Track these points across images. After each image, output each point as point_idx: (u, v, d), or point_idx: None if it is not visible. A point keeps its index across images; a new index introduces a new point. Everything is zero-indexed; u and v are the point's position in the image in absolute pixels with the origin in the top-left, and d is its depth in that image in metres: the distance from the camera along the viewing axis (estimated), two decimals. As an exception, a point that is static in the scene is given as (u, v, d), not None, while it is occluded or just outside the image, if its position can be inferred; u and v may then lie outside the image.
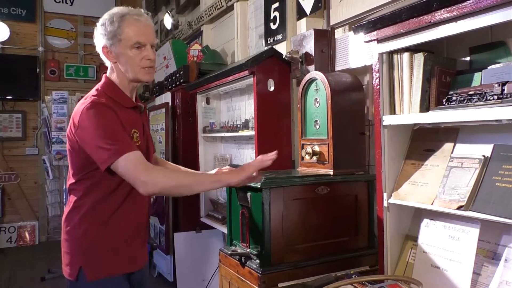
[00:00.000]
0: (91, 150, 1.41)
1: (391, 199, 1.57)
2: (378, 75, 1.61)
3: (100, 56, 1.57)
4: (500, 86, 1.24)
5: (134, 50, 1.50)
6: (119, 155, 1.38)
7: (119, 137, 1.42)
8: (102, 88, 1.55)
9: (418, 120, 1.50)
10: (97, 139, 1.39)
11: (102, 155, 1.39)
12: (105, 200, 1.51)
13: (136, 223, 1.59)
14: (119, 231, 1.54)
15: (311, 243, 1.80)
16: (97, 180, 1.49)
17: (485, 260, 1.33)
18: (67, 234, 1.53)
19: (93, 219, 1.51)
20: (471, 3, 1.22)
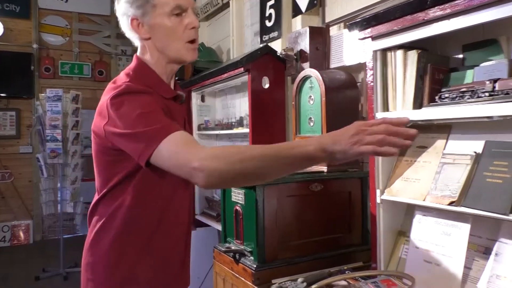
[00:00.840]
0: (125, 142, 1.09)
1: (384, 196, 1.58)
2: (372, 73, 1.62)
3: (127, 34, 1.25)
4: (492, 83, 1.25)
5: (173, 17, 1.17)
6: (160, 139, 1.03)
7: (159, 119, 1.09)
8: (134, 73, 1.21)
9: (412, 117, 1.50)
10: (132, 126, 1.07)
11: (138, 145, 1.06)
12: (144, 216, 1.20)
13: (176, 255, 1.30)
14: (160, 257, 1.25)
15: (305, 239, 1.81)
16: (134, 190, 1.18)
17: (476, 254, 1.34)
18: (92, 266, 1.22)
19: (129, 243, 1.20)
20: (464, 1, 1.24)
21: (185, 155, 1.02)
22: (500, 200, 1.20)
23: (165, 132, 1.05)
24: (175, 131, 1.06)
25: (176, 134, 1.06)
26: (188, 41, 1.20)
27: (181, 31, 1.18)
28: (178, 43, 1.19)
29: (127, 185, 1.18)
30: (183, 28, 1.18)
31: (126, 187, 1.18)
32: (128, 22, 1.21)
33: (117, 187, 1.19)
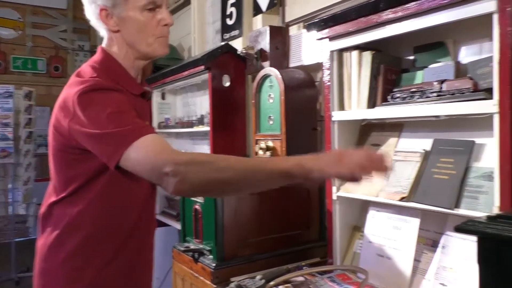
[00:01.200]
0: (93, 143, 1.02)
1: (340, 192, 1.62)
2: (329, 72, 1.65)
3: (92, 22, 1.17)
4: (439, 84, 1.32)
5: (146, 12, 1.11)
6: (131, 141, 0.97)
7: (130, 120, 1.03)
8: (101, 67, 1.13)
9: (366, 116, 1.56)
10: (101, 127, 1.00)
11: (107, 147, 1.00)
12: (116, 220, 1.13)
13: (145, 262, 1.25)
14: (130, 262, 1.18)
15: (264, 237, 1.82)
16: (102, 192, 1.09)
17: (425, 247, 1.40)
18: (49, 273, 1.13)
19: (90, 260, 1.11)
20: (414, 5, 1.29)
21: (157, 159, 0.97)
22: (446, 195, 1.26)
23: (137, 134, 1.00)
24: (147, 133, 1.01)
25: (148, 137, 1.00)
26: (160, 37, 1.15)
27: (154, 27, 1.13)
28: (149, 38, 1.14)
29: (93, 186, 1.10)
30: (155, 23, 1.13)
31: (92, 188, 1.10)
32: (96, 11, 1.13)
33: (81, 189, 1.10)
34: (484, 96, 1.18)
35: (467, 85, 1.23)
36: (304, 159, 0.96)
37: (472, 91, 1.22)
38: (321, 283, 1.48)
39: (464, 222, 0.80)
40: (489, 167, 1.19)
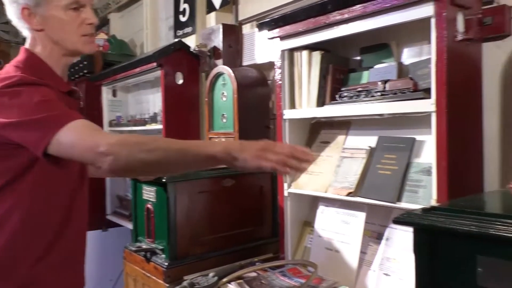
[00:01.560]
0: (19, 132, 1.01)
1: (291, 189, 1.66)
2: (280, 71, 1.68)
3: (14, 22, 1.17)
4: (383, 84, 1.38)
5: (70, 12, 1.13)
6: (61, 126, 0.99)
7: (59, 107, 1.04)
8: (25, 66, 1.12)
9: (315, 114, 1.60)
10: (28, 114, 1.00)
11: (34, 133, 1.00)
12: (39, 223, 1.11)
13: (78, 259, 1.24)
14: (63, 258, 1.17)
15: (217, 234, 1.82)
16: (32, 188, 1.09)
17: (371, 240, 1.47)
18: None
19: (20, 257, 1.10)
20: (359, 8, 1.34)
21: (91, 139, 1.00)
22: (389, 190, 1.32)
23: (66, 118, 1.01)
24: (77, 118, 1.03)
25: (78, 121, 1.03)
26: (84, 35, 1.17)
27: (77, 26, 1.15)
28: (74, 36, 1.16)
29: (20, 183, 1.09)
30: (79, 22, 1.15)
31: (20, 185, 1.09)
32: (18, 11, 1.14)
33: (9, 185, 1.09)
34: (423, 96, 1.26)
35: (408, 85, 1.30)
36: (231, 146, 1.01)
37: (412, 91, 1.29)
38: (272, 277, 1.51)
39: (401, 214, 0.85)
40: (428, 162, 1.27)
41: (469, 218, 0.76)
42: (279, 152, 0.99)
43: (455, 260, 0.78)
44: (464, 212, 0.78)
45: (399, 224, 0.85)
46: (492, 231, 0.71)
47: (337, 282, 1.43)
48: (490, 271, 0.73)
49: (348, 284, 1.42)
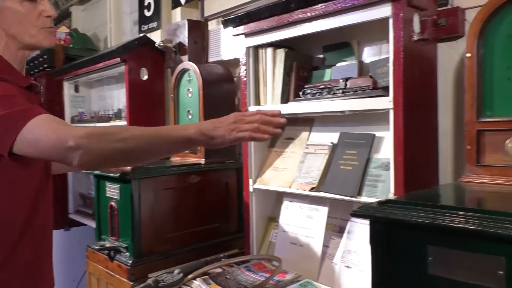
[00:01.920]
0: None
1: (256, 185, 1.68)
2: (245, 68, 1.69)
3: None
4: (344, 81, 1.42)
5: (27, 3, 1.09)
6: (25, 122, 0.94)
7: (21, 103, 0.99)
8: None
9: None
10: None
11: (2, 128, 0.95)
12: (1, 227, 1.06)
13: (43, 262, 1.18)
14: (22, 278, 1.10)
15: (182, 231, 1.82)
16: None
17: (333, 234, 1.51)
18: None
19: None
20: (321, 7, 1.37)
21: (58, 134, 0.95)
22: (350, 185, 1.36)
23: (30, 114, 0.95)
24: (40, 113, 0.97)
25: (42, 116, 0.97)
26: (43, 28, 1.12)
27: (35, 18, 1.10)
28: (32, 29, 1.10)
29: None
30: (37, 15, 1.10)
31: None
32: None
33: None
34: (381, 94, 1.30)
35: (368, 83, 1.35)
36: (204, 126, 1.01)
37: (372, 88, 1.34)
38: (237, 273, 1.52)
39: (358, 207, 0.88)
40: (386, 158, 1.32)
41: (420, 210, 0.80)
42: (251, 120, 1.01)
43: (409, 250, 0.81)
44: (416, 204, 0.82)
45: (356, 217, 0.88)
46: (441, 222, 0.75)
47: (300, 276, 1.47)
48: (439, 260, 0.77)
49: (312, 277, 1.45)
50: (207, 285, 1.43)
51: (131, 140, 0.98)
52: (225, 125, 1.00)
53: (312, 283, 1.40)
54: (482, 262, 0.72)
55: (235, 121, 1.01)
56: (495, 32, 1.05)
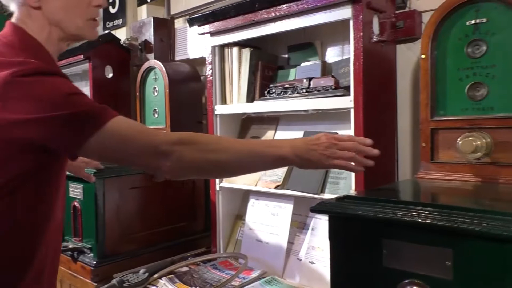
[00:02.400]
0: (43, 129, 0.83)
1: (223, 183, 1.69)
2: (211, 67, 1.70)
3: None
4: (308, 81, 1.45)
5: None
6: (101, 123, 0.84)
7: (90, 102, 0.89)
8: (25, 47, 0.93)
9: (245, 110, 1.64)
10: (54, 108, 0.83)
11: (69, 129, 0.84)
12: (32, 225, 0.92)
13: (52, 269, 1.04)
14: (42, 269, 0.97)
15: (149, 231, 1.81)
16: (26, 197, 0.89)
17: (297, 230, 1.54)
18: None
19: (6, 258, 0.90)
20: (285, 7, 1.39)
21: (148, 138, 0.88)
22: (314, 182, 1.40)
23: (106, 114, 0.86)
24: (117, 114, 0.88)
25: (121, 117, 0.88)
26: (90, 19, 1.02)
27: (84, 7, 1.00)
28: (79, 19, 1.00)
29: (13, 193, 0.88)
30: (86, 4, 1.00)
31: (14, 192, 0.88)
32: None
33: None
34: (343, 93, 1.34)
35: (330, 83, 1.38)
36: (298, 147, 0.95)
37: (334, 88, 1.37)
38: (204, 271, 1.53)
39: (317, 203, 0.91)
40: (348, 155, 1.35)
41: (376, 205, 0.83)
42: (346, 147, 0.95)
43: (365, 244, 0.85)
44: (372, 200, 0.86)
45: (315, 212, 0.91)
46: (394, 216, 0.78)
47: (266, 272, 1.49)
48: (393, 252, 0.80)
49: (277, 274, 1.48)
50: (173, 284, 1.43)
51: (224, 152, 0.93)
52: (320, 149, 0.95)
53: (276, 279, 1.42)
54: (432, 254, 0.75)
55: (329, 145, 0.95)
56: (447, 34, 1.10)
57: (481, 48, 1.05)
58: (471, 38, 1.06)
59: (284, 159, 0.95)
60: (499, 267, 0.68)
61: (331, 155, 0.94)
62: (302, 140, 0.97)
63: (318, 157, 0.94)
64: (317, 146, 0.95)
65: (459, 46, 1.09)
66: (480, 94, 1.06)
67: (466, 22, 1.07)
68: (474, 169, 1.07)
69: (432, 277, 0.75)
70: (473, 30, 1.06)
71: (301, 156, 0.95)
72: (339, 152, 0.94)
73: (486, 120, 1.04)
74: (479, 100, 1.06)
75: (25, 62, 0.86)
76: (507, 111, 1.02)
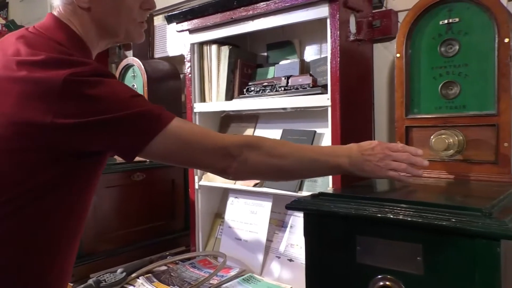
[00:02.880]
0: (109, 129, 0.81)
1: (202, 181, 1.68)
2: (190, 65, 1.69)
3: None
4: (286, 79, 1.45)
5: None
6: (167, 122, 0.84)
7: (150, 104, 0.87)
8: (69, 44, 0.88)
9: (224, 108, 1.63)
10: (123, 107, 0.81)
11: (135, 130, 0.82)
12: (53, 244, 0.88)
13: None
14: None
15: (127, 230, 1.78)
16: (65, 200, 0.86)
17: (276, 228, 1.54)
18: None
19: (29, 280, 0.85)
20: (263, 5, 1.39)
21: (214, 140, 0.90)
22: (292, 180, 1.40)
23: (169, 115, 0.85)
24: (175, 116, 0.87)
25: (180, 119, 0.88)
26: (140, 22, 0.99)
27: (136, 10, 0.95)
28: (130, 23, 0.96)
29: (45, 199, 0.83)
30: (138, 6, 0.96)
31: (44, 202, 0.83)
32: None
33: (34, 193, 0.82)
34: (320, 91, 1.35)
35: (308, 81, 1.39)
36: (354, 156, 0.96)
37: (312, 86, 1.38)
38: (182, 270, 1.52)
39: (292, 201, 0.91)
40: (326, 153, 1.36)
41: (350, 201, 0.84)
42: (400, 159, 0.96)
43: (339, 240, 0.85)
44: (346, 196, 0.87)
45: (290, 209, 0.91)
46: (367, 212, 0.79)
47: (244, 270, 1.49)
48: (366, 248, 0.81)
49: (255, 272, 1.48)
50: (151, 283, 1.42)
51: (288, 158, 0.95)
52: (375, 160, 0.96)
53: (254, 277, 1.42)
54: (404, 250, 0.77)
55: (384, 157, 0.96)
56: (421, 34, 1.12)
57: (454, 48, 1.07)
58: (444, 37, 1.08)
59: (341, 168, 0.97)
60: (468, 262, 0.69)
61: (385, 166, 0.95)
62: (358, 149, 0.97)
63: (373, 168, 0.96)
64: (372, 156, 0.96)
65: (433, 45, 1.10)
66: (453, 93, 1.08)
67: (439, 22, 1.09)
68: (447, 166, 1.09)
69: (404, 272, 0.77)
70: (446, 29, 1.08)
71: (357, 166, 0.96)
72: (393, 163, 0.96)
73: (459, 118, 1.06)
74: (452, 99, 1.08)
75: (83, 62, 0.82)
76: (478, 109, 1.04)
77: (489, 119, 1.01)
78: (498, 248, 0.66)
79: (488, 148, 1.02)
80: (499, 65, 0.99)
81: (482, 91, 1.03)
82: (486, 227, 0.66)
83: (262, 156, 0.93)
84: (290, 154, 0.95)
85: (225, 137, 0.94)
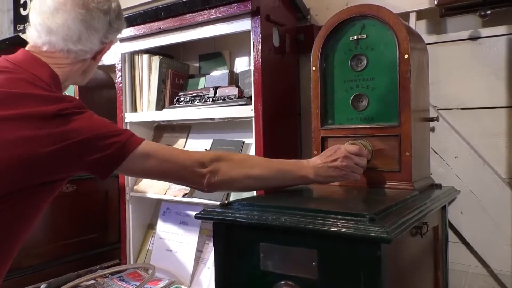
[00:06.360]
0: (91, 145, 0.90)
1: (133, 193, 1.65)
2: (121, 74, 1.67)
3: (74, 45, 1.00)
4: (214, 90, 1.47)
5: None
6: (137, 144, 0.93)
7: None
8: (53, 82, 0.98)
9: (155, 118, 1.63)
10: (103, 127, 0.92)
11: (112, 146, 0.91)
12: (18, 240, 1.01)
13: None
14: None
15: (55, 243, 1.72)
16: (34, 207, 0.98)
17: (207, 238, 1.54)
18: None
19: None
20: (189, 17, 1.41)
21: (189, 156, 0.99)
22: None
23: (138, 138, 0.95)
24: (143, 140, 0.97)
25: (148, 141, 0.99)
26: None
27: None
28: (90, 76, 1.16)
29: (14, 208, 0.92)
30: None
31: None
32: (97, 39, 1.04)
33: None
34: (245, 102, 1.37)
35: (234, 92, 1.41)
36: (317, 166, 1.02)
37: (238, 97, 1.41)
38: (109, 283, 1.48)
39: (201, 210, 0.92)
40: (252, 163, 1.39)
41: (253, 210, 0.86)
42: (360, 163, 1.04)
43: (245, 248, 0.87)
44: (251, 205, 0.89)
45: (199, 219, 0.92)
46: (267, 221, 0.82)
47: (173, 282, 1.48)
48: (269, 255, 0.83)
49: (184, 283, 1.47)
50: (74, 298, 1.38)
51: (258, 167, 1.02)
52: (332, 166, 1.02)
53: (182, 288, 1.42)
54: (301, 255, 0.79)
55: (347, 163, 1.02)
56: (334, 48, 1.17)
57: (363, 62, 1.13)
58: (354, 52, 1.14)
59: (307, 178, 1.03)
60: (354, 265, 0.73)
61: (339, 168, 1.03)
62: (320, 159, 1.04)
63: (332, 174, 1.03)
64: (335, 162, 1.03)
65: (345, 59, 1.16)
66: (362, 105, 1.14)
67: (350, 38, 1.15)
68: (358, 175, 1.14)
69: (302, 277, 0.79)
70: (355, 45, 1.14)
71: (322, 175, 1.03)
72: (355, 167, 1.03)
73: (367, 129, 1.12)
74: (362, 110, 1.14)
75: (69, 98, 0.93)
76: (383, 120, 1.10)
77: (392, 130, 1.08)
78: (379, 252, 0.70)
79: (393, 158, 1.08)
80: (400, 79, 1.06)
81: (387, 103, 1.09)
82: (367, 232, 0.70)
83: (232, 166, 1.01)
84: (258, 164, 1.04)
85: (199, 154, 1.02)
